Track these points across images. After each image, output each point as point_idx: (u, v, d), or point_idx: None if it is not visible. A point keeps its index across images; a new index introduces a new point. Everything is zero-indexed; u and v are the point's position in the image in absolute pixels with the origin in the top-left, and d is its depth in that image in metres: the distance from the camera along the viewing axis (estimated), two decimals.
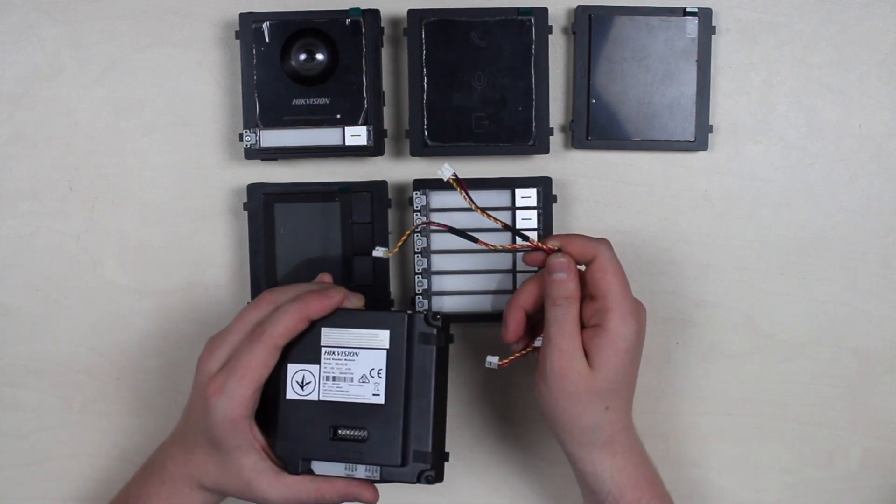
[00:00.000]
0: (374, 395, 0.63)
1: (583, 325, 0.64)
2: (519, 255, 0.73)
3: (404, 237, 0.66)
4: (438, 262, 0.74)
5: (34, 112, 0.75)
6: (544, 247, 0.64)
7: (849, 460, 0.78)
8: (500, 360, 0.66)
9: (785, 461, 0.78)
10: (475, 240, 0.64)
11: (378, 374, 0.64)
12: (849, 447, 0.78)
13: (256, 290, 0.73)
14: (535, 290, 0.66)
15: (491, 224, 0.74)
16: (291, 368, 0.65)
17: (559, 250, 0.64)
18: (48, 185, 0.75)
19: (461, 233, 0.65)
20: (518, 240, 0.65)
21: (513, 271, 0.74)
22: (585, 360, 0.62)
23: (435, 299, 0.74)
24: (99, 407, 0.77)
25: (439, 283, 0.74)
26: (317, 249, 0.74)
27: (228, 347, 0.64)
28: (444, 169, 0.64)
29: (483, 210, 0.65)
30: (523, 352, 0.66)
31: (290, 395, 0.65)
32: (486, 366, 0.66)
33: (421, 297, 0.74)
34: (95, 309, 0.76)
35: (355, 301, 0.66)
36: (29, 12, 0.74)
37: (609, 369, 0.62)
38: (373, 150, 0.73)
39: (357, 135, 0.72)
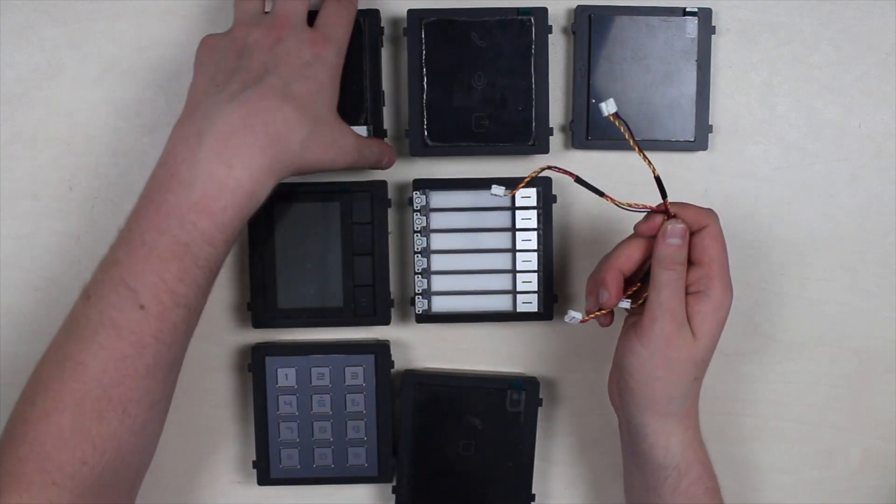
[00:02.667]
0: None
1: None
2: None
3: (528, 179, 0.65)
4: (438, 262, 0.74)
5: (34, 112, 0.75)
6: (668, 210, 0.62)
7: (849, 460, 0.78)
8: (582, 315, 0.63)
9: (785, 461, 0.78)
10: (602, 193, 0.63)
11: None
12: (849, 447, 0.78)
13: (256, 290, 0.73)
14: (635, 253, 0.64)
15: (490, 224, 0.73)
16: None
17: (675, 216, 0.63)
18: (48, 185, 0.75)
19: (588, 185, 0.63)
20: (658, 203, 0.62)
21: (513, 271, 0.74)
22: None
23: (435, 299, 0.74)
24: None
25: (439, 283, 0.74)
26: (317, 249, 0.73)
27: None
28: (609, 103, 0.60)
29: (640, 148, 0.62)
30: (602, 311, 0.64)
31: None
32: (568, 321, 0.63)
33: (421, 297, 0.74)
34: None
35: None
36: (29, 12, 0.74)
37: (709, 338, 0.62)
38: None
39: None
